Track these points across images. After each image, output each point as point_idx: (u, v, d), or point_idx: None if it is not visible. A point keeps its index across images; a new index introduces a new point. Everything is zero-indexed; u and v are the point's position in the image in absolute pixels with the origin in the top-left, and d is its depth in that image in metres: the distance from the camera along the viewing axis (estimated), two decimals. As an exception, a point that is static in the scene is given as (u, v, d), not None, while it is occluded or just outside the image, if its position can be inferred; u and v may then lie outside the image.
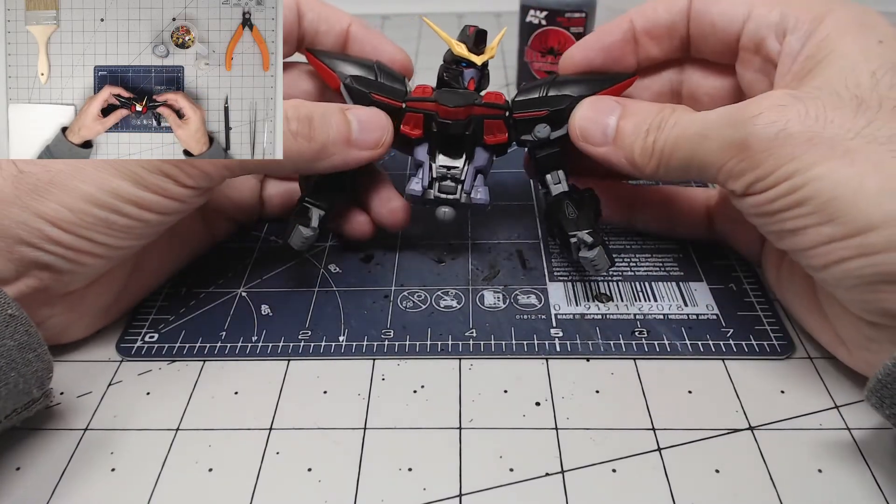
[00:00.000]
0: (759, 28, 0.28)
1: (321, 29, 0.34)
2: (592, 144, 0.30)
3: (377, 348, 0.30)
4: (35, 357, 0.24)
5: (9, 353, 0.22)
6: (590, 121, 0.30)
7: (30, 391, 0.24)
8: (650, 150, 0.28)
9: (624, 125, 0.29)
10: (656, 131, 0.27)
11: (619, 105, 0.30)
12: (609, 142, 0.29)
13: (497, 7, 0.71)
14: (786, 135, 0.23)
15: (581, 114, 0.30)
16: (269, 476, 0.25)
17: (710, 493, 0.24)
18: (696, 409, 0.27)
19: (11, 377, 0.23)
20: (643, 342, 0.29)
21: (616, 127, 0.29)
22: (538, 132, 0.31)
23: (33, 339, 0.24)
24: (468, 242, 0.36)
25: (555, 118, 0.31)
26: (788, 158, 0.23)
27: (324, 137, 0.29)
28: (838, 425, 0.26)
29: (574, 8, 0.46)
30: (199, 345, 0.30)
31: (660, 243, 0.35)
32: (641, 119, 0.28)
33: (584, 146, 0.30)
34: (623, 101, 0.30)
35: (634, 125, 0.28)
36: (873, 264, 0.22)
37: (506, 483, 0.24)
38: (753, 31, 0.28)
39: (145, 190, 0.26)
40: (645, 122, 0.28)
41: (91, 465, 0.25)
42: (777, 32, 0.27)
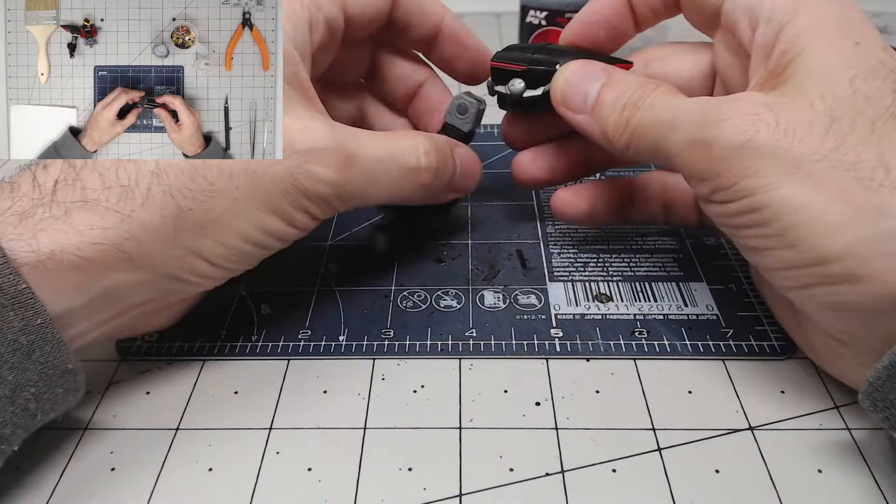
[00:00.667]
0: (735, 9, 0.26)
1: (413, 22, 0.32)
2: (571, 110, 0.29)
3: (377, 348, 0.30)
4: (74, 397, 0.24)
5: (55, 397, 0.23)
6: (572, 84, 0.29)
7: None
8: (623, 126, 0.26)
9: (605, 95, 0.28)
10: (632, 108, 0.26)
11: (604, 74, 0.28)
12: (587, 110, 0.28)
13: (497, 7, 0.71)
14: (752, 146, 0.22)
15: (565, 76, 0.29)
16: (269, 476, 0.25)
17: (709, 493, 0.24)
18: (696, 410, 0.27)
19: (50, 416, 0.24)
20: (643, 342, 0.29)
21: (597, 95, 0.28)
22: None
23: (80, 384, 0.24)
24: (468, 242, 0.36)
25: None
26: (751, 172, 0.22)
27: (438, 186, 0.30)
28: (838, 425, 0.26)
29: (574, 8, 0.46)
30: (198, 344, 0.30)
31: (660, 243, 0.35)
32: (622, 91, 0.27)
33: (563, 111, 0.29)
34: (609, 70, 0.28)
35: (614, 97, 0.27)
36: (835, 293, 0.21)
37: (506, 483, 0.24)
38: (730, 12, 0.26)
39: (290, 226, 0.26)
40: (624, 96, 0.26)
41: (91, 465, 0.25)
42: (751, 18, 0.25)
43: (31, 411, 0.23)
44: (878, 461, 0.24)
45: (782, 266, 0.23)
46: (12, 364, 0.21)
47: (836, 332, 0.24)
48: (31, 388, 0.22)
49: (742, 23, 0.26)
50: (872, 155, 0.21)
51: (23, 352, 0.22)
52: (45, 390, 0.23)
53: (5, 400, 0.22)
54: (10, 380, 0.22)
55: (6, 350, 0.21)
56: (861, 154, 0.21)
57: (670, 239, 0.36)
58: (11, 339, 0.21)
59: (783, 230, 0.22)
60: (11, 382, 0.22)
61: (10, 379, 0.22)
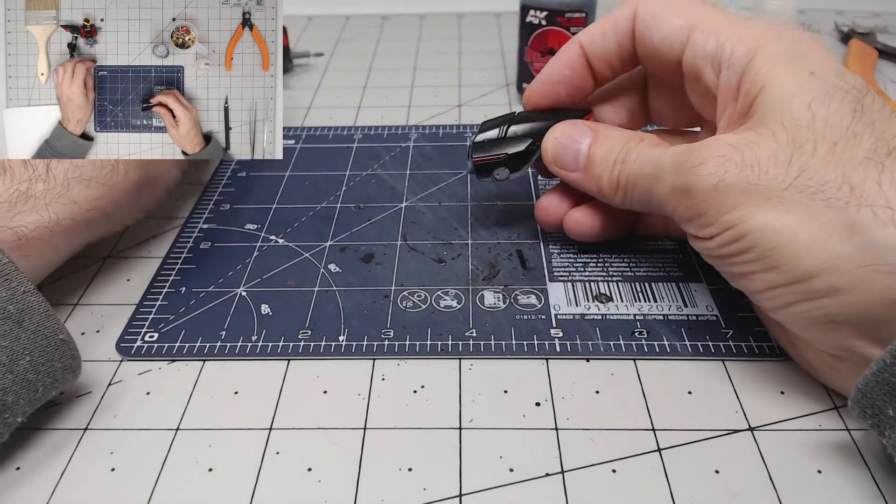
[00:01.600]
0: (697, 58, 0.27)
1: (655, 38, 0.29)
2: (565, 170, 0.31)
3: (377, 348, 0.30)
4: (73, 376, 0.26)
5: (54, 373, 0.25)
6: (562, 146, 0.31)
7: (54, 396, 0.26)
8: (616, 181, 0.29)
9: (595, 151, 0.30)
10: (621, 164, 0.28)
11: (590, 130, 0.30)
12: (580, 168, 0.30)
13: (497, 7, 0.71)
14: (724, 185, 0.24)
15: (554, 137, 0.31)
16: (269, 476, 0.25)
17: (709, 494, 0.24)
18: (696, 410, 0.27)
19: (52, 393, 0.25)
20: (643, 343, 0.29)
21: (587, 153, 0.30)
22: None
23: (76, 361, 0.26)
24: (468, 242, 0.36)
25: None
26: (729, 208, 0.24)
27: None
28: (838, 426, 0.26)
29: (574, 8, 0.46)
30: (199, 344, 0.30)
31: (660, 244, 0.35)
32: (610, 147, 0.29)
33: (557, 171, 0.31)
34: (595, 127, 0.31)
35: (604, 153, 0.29)
36: (820, 307, 0.23)
37: (506, 483, 0.24)
38: (691, 60, 0.28)
39: None
40: (613, 152, 0.29)
41: (91, 465, 0.25)
42: (713, 64, 0.27)
43: (31, 382, 0.24)
44: (877, 462, 0.24)
45: (767, 287, 0.24)
46: (4, 332, 0.23)
47: (827, 347, 0.24)
48: (26, 356, 0.23)
49: (706, 70, 0.27)
50: (836, 175, 0.22)
51: (13, 320, 0.23)
52: (42, 361, 0.24)
53: (3, 367, 0.23)
54: (5, 346, 0.23)
55: None
56: (825, 176, 0.22)
57: (670, 239, 0.36)
58: (1, 307, 0.23)
59: (764, 254, 0.23)
60: (7, 349, 0.23)
61: (6, 346, 0.23)
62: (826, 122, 0.23)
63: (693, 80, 0.29)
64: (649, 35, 0.29)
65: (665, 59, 0.29)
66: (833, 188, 0.22)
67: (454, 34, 0.66)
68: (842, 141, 0.23)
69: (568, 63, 0.32)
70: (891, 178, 0.22)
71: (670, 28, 0.28)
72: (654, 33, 0.29)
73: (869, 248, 0.21)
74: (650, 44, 0.29)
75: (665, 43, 0.28)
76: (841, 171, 0.22)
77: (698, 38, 0.27)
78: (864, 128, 0.23)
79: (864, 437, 0.25)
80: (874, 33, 0.58)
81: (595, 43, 0.31)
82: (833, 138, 0.23)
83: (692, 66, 0.28)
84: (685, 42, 0.28)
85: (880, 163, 0.22)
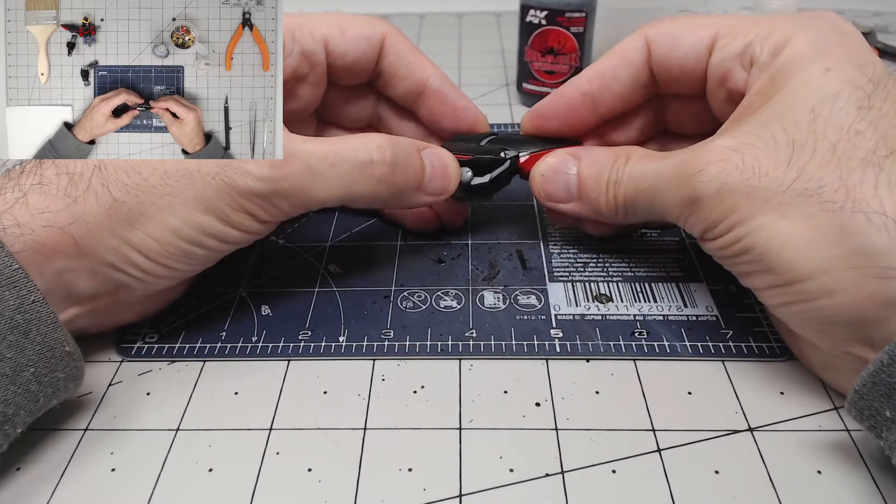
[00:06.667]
0: (725, 61, 0.27)
1: (399, 74, 0.33)
2: (559, 202, 0.31)
3: (377, 348, 0.30)
4: (75, 385, 0.26)
5: (57, 383, 0.24)
6: (549, 179, 0.31)
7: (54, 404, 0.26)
8: (613, 203, 0.29)
9: (586, 175, 0.30)
10: (615, 185, 0.29)
11: (573, 157, 0.30)
12: (574, 197, 0.30)
13: (497, 7, 0.71)
14: (727, 189, 0.24)
15: (540, 172, 0.31)
16: (269, 476, 0.25)
17: (709, 494, 0.24)
18: (696, 411, 0.27)
19: (53, 402, 0.25)
20: (643, 343, 0.29)
21: (578, 178, 0.30)
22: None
23: (79, 371, 0.25)
24: (468, 242, 0.36)
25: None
26: (730, 211, 0.24)
27: (401, 183, 0.29)
28: (837, 427, 0.26)
29: (574, 8, 0.46)
30: (199, 345, 0.30)
31: (660, 244, 0.35)
32: (599, 171, 0.29)
33: (551, 205, 0.31)
34: (576, 152, 0.31)
35: (595, 177, 0.29)
36: (813, 309, 0.23)
37: (506, 483, 0.24)
38: (718, 64, 0.28)
39: (228, 226, 0.26)
40: (603, 175, 0.29)
41: (91, 465, 0.25)
42: (743, 62, 0.27)
43: (33, 393, 0.23)
44: (877, 462, 0.24)
45: (766, 286, 0.25)
46: (10, 342, 0.22)
47: (825, 347, 0.25)
48: (31, 368, 0.23)
49: (735, 70, 0.27)
50: (834, 177, 0.22)
51: (20, 330, 0.23)
52: (45, 372, 0.24)
53: (6, 378, 0.23)
54: (9, 357, 0.22)
55: (4, 327, 0.22)
56: (823, 178, 0.23)
57: (670, 239, 0.36)
58: (8, 316, 0.22)
59: (760, 256, 0.24)
60: (12, 360, 0.23)
61: (10, 357, 0.22)
62: (828, 122, 0.23)
63: (717, 86, 0.29)
64: (672, 55, 0.29)
65: (691, 74, 0.29)
66: (830, 190, 0.22)
67: (454, 34, 0.66)
68: (842, 140, 0.23)
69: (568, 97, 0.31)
70: (887, 181, 0.22)
71: (692, 41, 0.28)
72: (676, 51, 0.29)
73: (861, 252, 0.22)
74: (674, 63, 0.29)
75: (690, 57, 0.28)
76: (839, 173, 0.22)
77: (724, 41, 0.27)
78: (867, 125, 0.23)
79: (863, 437, 0.25)
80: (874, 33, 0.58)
81: (603, 77, 0.30)
82: (833, 138, 0.23)
83: (719, 71, 0.28)
84: (711, 49, 0.28)
85: (878, 165, 0.22)
